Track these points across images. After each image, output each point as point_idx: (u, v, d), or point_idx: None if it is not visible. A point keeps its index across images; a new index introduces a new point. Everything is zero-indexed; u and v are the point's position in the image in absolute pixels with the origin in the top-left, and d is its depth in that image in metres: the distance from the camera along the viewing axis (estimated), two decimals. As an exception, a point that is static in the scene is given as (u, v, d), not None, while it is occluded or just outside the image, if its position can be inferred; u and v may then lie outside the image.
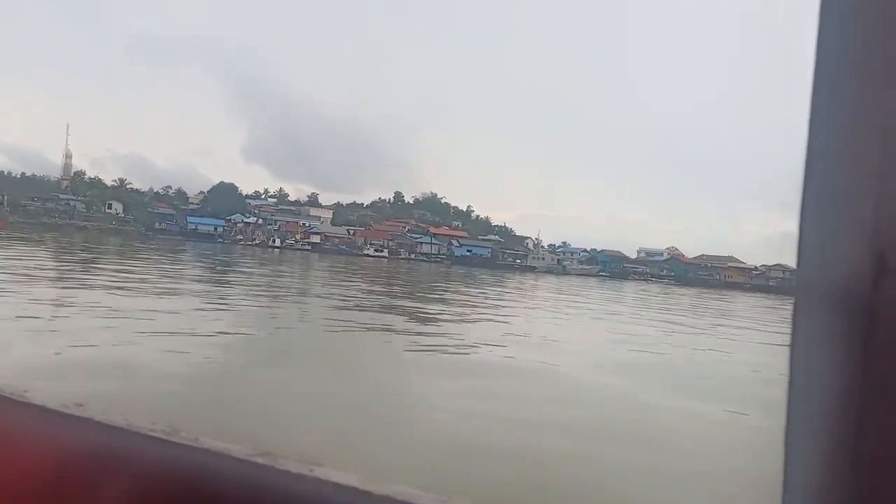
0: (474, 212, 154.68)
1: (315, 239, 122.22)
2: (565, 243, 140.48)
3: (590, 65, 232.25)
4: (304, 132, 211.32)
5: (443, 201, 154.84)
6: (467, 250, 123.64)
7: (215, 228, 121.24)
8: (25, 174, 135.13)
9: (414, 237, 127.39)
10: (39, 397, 0.92)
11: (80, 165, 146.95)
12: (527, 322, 22.51)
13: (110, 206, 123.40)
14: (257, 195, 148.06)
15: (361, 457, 6.06)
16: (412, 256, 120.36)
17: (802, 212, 0.57)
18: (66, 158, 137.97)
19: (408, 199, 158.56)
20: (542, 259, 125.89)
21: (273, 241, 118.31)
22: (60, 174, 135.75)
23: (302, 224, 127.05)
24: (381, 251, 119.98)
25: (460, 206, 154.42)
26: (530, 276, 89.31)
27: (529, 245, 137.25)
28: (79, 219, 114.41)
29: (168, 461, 0.81)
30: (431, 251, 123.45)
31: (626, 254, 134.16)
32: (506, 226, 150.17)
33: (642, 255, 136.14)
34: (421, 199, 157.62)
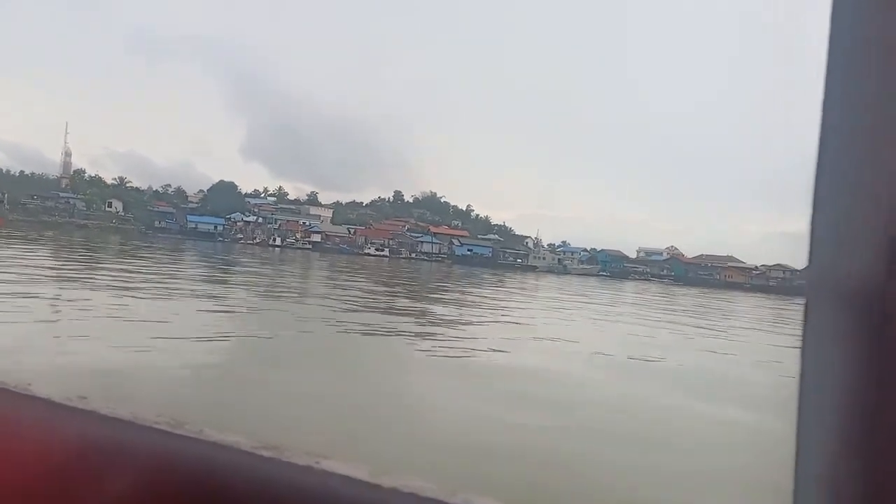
0: (474, 211, 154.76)
1: (316, 238, 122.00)
2: (565, 243, 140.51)
3: (590, 65, 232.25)
4: (304, 131, 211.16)
5: (442, 200, 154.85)
6: (468, 249, 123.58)
7: (215, 227, 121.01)
8: (24, 172, 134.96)
9: (414, 236, 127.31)
10: (44, 390, 0.92)
11: (79, 164, 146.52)
12: (544, 325, 22.39)
13: (110, 205, 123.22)
14: (257, 194, 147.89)
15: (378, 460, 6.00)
16: (413, 256, 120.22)
17: (814, 207, 0.56)
18: (66, 157, 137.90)
19: (407, 198, 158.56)
20: (543, 259, 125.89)
21: (274, 240, 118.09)
22: (60, 172, 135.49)
23: (302, 223, 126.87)
24: (382, 250, 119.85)
25: (460, 206, 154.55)
26: (531, 276, 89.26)
27: (529, 244, 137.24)
28: (79, 217, 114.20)
29: (173, 454, 0.81)
30: (432, 250, 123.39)
31: (626, 253, 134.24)
32: (505, 225, 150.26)
33: (642, 255, 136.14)
34: (420, 198, 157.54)
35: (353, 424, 7.58)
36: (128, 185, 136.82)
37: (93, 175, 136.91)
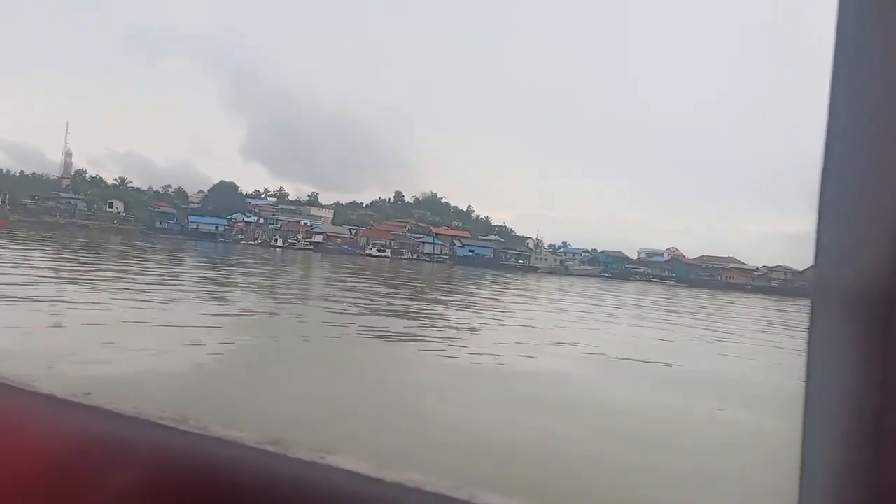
0: (474, 212, 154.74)
1: (317, 238, 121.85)
2: (566, 243, 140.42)
3: (590, 65, 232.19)
4: (303, 130, 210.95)
5: (443, 201, 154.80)
6: (469, 250, 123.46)
7: (216, 228, 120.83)
8: (25, 173, 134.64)
9: (416, 237, 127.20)
10: (47, 386, 0.92)
11: (79, 164, 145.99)
12: (559, 329, 22.28)
13: (111, 205, 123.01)
14: (257, 194, 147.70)
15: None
16: (414, 256, 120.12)
17: (820, 210, 0.56)
18: (67, 157, 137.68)
19: (408, 198, 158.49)
20: (545, 260, 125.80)
21: (275, 241, 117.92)
22: (60, 172, 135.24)
23: (303, 224, 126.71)
24: (383, 251, 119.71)
25: (460, 206, 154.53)
26: (533, 277, 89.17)
27: (531, 245, 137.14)
28: (80, 217, 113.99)
29: (178, 449, 0.81)
30: (434, 251, 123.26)
31: (627, 254, 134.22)
32: (506, 226, 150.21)
33: (643, 256, 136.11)
34: (421, 198, 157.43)
35: (401, 440, 7.43)
36: (129, 185, 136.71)
37: (94, 175, 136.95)
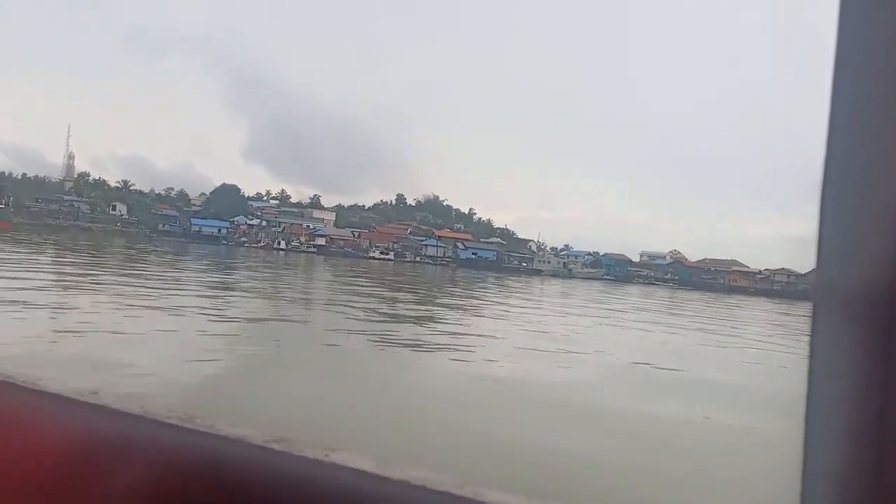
0: (476, 214, 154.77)
1: (320, 241, 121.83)
2: (567, 246, 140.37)
3: (590, 65, 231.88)
4: (304, 132, 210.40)
5: (445, 203, 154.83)
6: (472, 253, 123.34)
7: (219, 230, 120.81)
8: (27, 175, 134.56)
9: (418, 240, 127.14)
10: (54, 386, 0.92)
11: (80, 165, 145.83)
12: (576, 335, 22.17)
13: (114, 208, 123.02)
14: (259, 197, 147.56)
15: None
16: (417, 259, 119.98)
17: (822, 212, 0.56)
18: (69, 160, 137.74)
19: (409, 201, 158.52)
20: (548, 262, 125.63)
21: (278, 244, 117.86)
22: (62, 175, 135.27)
23: (306, 226, 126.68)
24: (386, 254, 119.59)
25: (462, 209, 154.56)
26: (537, 280, 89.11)
27: (533, 248, 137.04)
28: (83, 220, 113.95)
29: (184, 448, 0.82)
30: (437, 254, 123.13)
31: (629, 256, 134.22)
32: (507, 228, 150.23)
33: (645, 259, 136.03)
34: (423, 201, 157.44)
35: (465, 457, 7.30)
36: (131, 188, 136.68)
37: (97, 178, 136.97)
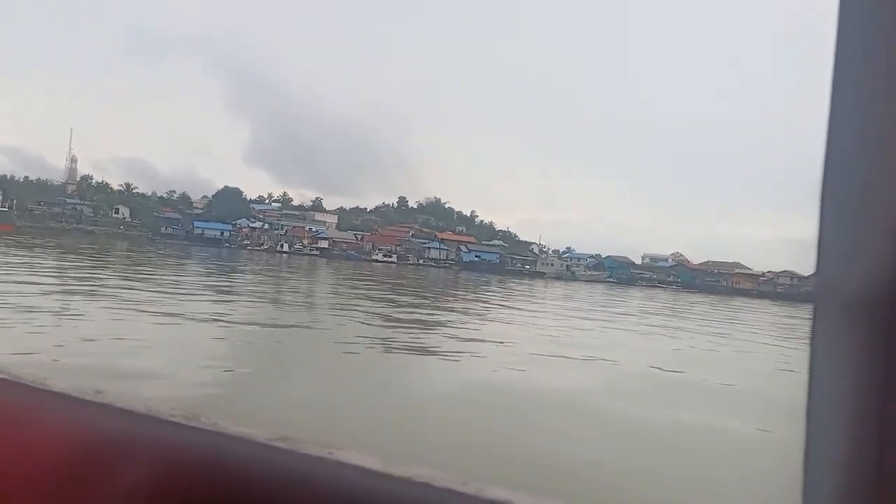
0: (478, 216, 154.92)
1: (323, 244, 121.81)
2: (570, 248, 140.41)
3: (590, 65, 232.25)
4: (305, 134, 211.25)
5: (447, 206, 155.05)
6: (476, 256, 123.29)
7: (222, 233, 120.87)
8: (28, 178, 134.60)
9: (421, 242, 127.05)
10: (60, 385, 0.93)
11: (81, 168, 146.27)
12: (593, 340, 22.01)
13: (117, 211, 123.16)
14: (261, 199, 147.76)
15: None
16: (420, 262, 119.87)
17: (822, 214, 0.56)
18: (72, 163, 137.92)
19: (411, 203, 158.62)
20: (552, 265, 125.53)
21: (281, 247, 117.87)
22: (64, 178, 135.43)
23: (308, 229, 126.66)
24: (389, 256, 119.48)
25: (464, 211, 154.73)
26: (541, 283, 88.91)
27: (535, 250, 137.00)
28: (86, 223, 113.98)
29: (188, 446, 0.82)
30: (440, 256, 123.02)
31: (632, 259, 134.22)
32: (509, 231, 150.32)
33: (647, 261, 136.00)
34: (425, 203, 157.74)
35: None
36: (134, 191, 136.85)
37: (100, 181, 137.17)
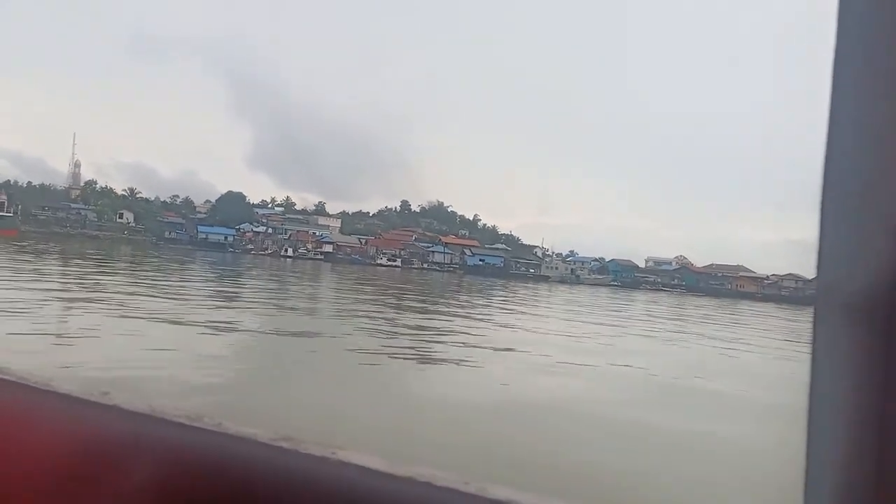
0: (481, 220, 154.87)
1: (327, 248, 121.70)
2: (573, 252, 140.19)
3: (590, 65, 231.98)
4: (306, 137, 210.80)
5: (449, 210, 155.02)
6: (480, 259, 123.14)
7: (225, 238, 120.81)
8: (32, 183, 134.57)
9: (425, 246, 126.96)
10: (65, 386, 0.93)
11: (84, 173, 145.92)
12: (609, 347, 21.89)
13: (121, 216, 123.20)
14: (264, 204, 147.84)
15: None
16: (424, 266, 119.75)
17: (822, 217, 0.56)
18: (75, 168, 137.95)
19: (414, 207, 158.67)
20: (556, 269, 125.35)
21: (285, 251, 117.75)
22: (68, 183, 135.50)
23: (312, 233, 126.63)
24: (394, 260, 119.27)
25: (466, 215, 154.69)
26: (545, 287, 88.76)
27: (539, 254, 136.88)
28: (90, 228, 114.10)
29: (192, 446, 0.82)
30: (444, 260, 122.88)
31: (635, 261, 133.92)
32: (512, 234, 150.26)
33: (651, 265, 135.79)
34: (427, 207, 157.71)
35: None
36: (138, 195, 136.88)
37: (104, 186, 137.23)
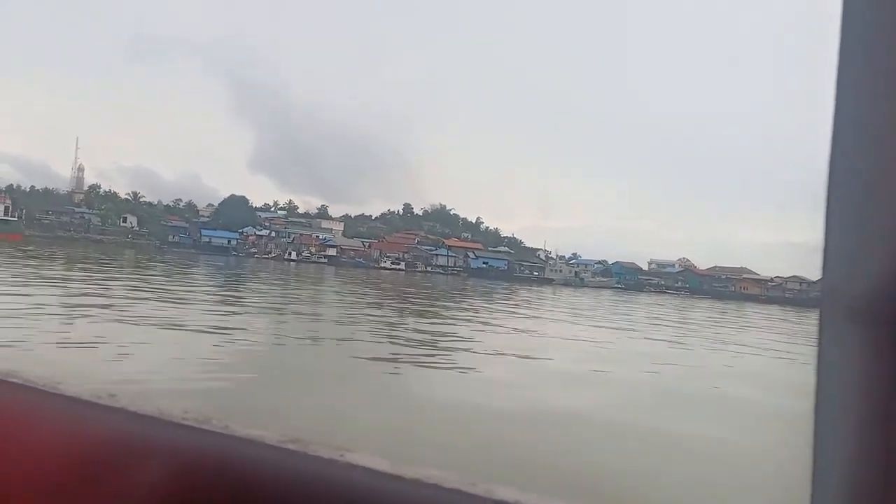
0: (483, 223, 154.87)
1: (331, 252, 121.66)
2: (575, 254, 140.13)
3: (590, 65, 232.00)
4: (307, 140, 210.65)
5: (452, 213, 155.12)
6: (483, 262, 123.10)
7: (229, 241, 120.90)
8: (35, 187, 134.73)
9: (428, 249, 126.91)
10: (72, 389, 0.94)
11: (87, 177, 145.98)
12: (625, 352, 21.78)
13: (125, 220, 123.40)
14: (267, 207, 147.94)
15: None
16: (428, 269, 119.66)
17: (827, 219, 0.56)
18: (79, 172, 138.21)
19: (416, 210, 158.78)
20: (560, 271, 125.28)
21: (289, 254, 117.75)
22: (71, 187, 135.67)
23: (315, 236, 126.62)
24: (397, 263, 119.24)
25: (469, 218, 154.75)
26: (550, 289, 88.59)
27: (542, 256, 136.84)
28: (94, 232, 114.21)
29: (200, 449, 0.83)
30: (448, 263, 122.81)
31: (638, 264, 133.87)
32: (514, 237, 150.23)
33: (654, 267, 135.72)
34: (430, 210, 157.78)
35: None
36: (141, 199, 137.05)
37: (107, 190, 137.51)
